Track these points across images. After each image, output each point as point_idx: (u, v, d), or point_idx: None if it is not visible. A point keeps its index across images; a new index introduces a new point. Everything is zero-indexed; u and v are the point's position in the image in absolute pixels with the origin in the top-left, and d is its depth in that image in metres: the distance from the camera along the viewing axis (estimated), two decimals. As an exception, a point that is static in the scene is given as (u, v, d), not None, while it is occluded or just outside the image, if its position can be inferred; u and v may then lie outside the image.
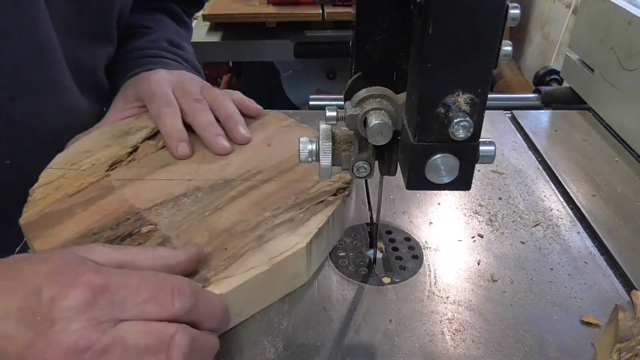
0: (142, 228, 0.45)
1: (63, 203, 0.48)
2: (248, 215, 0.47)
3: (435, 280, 0.47)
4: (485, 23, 0.30)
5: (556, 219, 0.55)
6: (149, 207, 0.48)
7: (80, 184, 0.50)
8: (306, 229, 0.45)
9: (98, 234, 0.44)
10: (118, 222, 0.45)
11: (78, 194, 0.49)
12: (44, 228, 0.45)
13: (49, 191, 0.49)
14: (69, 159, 0.54)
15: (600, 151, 0.67)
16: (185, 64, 0.71)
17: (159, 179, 0.52)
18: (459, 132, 0.31)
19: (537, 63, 1.50)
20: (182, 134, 0.56)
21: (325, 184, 0.50)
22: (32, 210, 0.47)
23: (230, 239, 0.44)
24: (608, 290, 0.46)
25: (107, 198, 0.49)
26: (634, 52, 0.66)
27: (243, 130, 0.58)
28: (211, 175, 0.53)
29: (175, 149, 0.55)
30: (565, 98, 0.83)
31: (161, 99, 0.58)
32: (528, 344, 0.41)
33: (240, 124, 0.58)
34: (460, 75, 0.31)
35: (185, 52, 0.74)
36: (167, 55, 0.69)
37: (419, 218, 0.55)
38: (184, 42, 0.75)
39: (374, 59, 0.38)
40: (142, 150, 0.56)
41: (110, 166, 0.53)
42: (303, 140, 0.41)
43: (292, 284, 0.45)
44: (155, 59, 0.67)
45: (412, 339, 0.41)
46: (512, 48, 0.32)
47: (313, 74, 1.99)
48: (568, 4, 1.32)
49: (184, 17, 0.81)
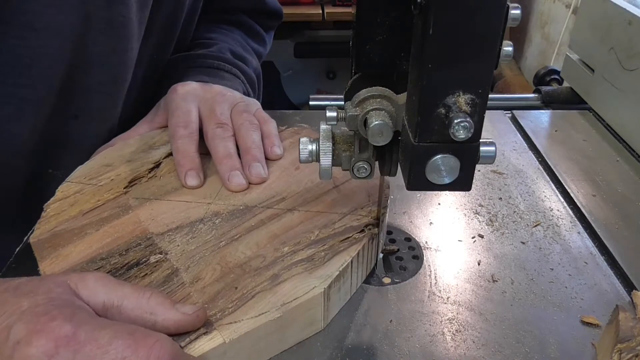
0: (151, 257, 0.42)
1: (76, 221, 0.46)
2: (265, 249, 0.43)
3: (435, 280, 0.47)
4: (486, 23, 0.30)
5: (556, 219, 0.55)
6: (163, 232, 0.45)
7: (96, 200, 0.49)
8: (326, 271, 0.41)
9: (106, 260, 0.42)
10: (128, 248, 0.43)
11: (93, 212, 0.47)
12: (53, 248, 0.43)
13: (64, 207, 0.48)
14: (89, 172, 0.52)
15: (601, 151, 0.67)
16: (243, 78, 0.68)
17: (178, 200, 0.49)
18: (460, 132, 0.31)
19: (537, 63, 1.50)
20: (192, 161, 0.52)
21: (352, 218, 0.46)
22: (44, 227, 0.45)
23: (242, 277, 0.41)
24: (608, 290, 0.46)
25: (122, 218, 0.47)
26: (634, 52, 0.66)
27: (259, 170, 0.52)
28: (232, 199, 0.49)
29: (184, 178, 0.51)
30: (566, 98, 0.83)
31: (180, 117, 0.54)
32: (528, 344, 0.41)
33: (257, 161, 0.52)
34: (460, 76, 0.31)
35: (249, 65, 0.70)
36: (225, 67, 0.65)
37: (419, 218, 0.55)
38: (250, 55, 0.72)
39: (374, 59, 0.38)
40: (164, 167, 0.53)
41: (129, 182, 0.51)
42: (303, 141, 0.41)
43: (306, 331, 0.41)
44: (209, 70, 0.64)
45: (413, 339, 0.41)
46: (513, 48, 0.32)
47: (313, 74, 1.99)
48: (568, 4, 1.31)
49: (258, 30, 0.78)
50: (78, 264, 0.42)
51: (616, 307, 0.40)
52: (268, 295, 0.39)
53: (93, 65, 0.54)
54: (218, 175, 0.52)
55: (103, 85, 0.56)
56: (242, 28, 0.76)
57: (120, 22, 0.54)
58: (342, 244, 0.44)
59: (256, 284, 0.40)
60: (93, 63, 0.54)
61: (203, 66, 0.64)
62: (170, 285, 0.40)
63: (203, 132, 0.54)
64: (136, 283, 0.40)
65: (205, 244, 0.44)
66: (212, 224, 0.46)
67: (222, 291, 0.39)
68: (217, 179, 0.52)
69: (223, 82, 0.63)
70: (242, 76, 0.67)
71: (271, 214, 0.47)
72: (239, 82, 0.66)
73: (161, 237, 0.45)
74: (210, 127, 0.54)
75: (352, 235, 0.44)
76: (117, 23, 0.53)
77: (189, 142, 0.53)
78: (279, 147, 0.56)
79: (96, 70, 0.55)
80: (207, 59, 0.65)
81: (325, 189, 0.50)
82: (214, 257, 0.43)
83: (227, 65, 0.66)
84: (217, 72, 0.64)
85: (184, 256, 0.43)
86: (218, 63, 0.65)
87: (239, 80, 0.66)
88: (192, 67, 0.64)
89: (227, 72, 0.65)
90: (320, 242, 0.44)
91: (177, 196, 0.50)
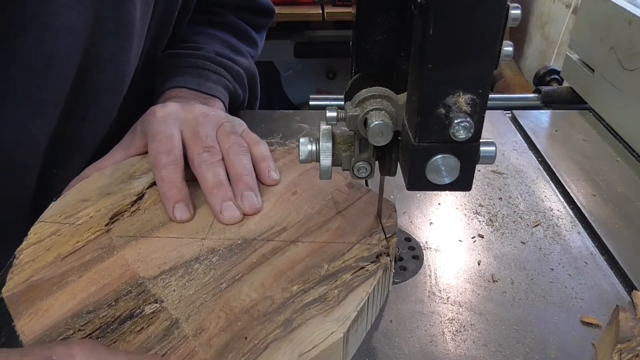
0: (146, 308, 0.38)
1: (55, 268, 0.41)
2: (272, 290, 0.39)
3: (435, 280, 0.47)
4: (485, 23, 0.30)
5: (556, 219, 0.55)
6: (155, 275, 0.40)
7: (76, 242, 0.43)
8: (343, 312, 0.37)
9: (93, 313, 0.37)
10: (118, 297, 0.39)
11: (73, 255, 0.42)
12: (30, 302, 0.38)
13: (39, 252, 0.42)
14: (64, 209, 0.47)
15: (601, 151, 0.67)
16: (230, 77, 0.66)
17: (168, 237, 0.44)
18: (460, 132, 0.31)
19: (537, 63, 1.50)
20: (180, 192, 0.47)
21: (362, 248, 0.43)
22: (18, 277, 0.40)
23: (251, 324, 0.36)
24: (608, 290, 0.46)
25: (107, 261, 0.42)
26: (634, 52, 0.66)
27: (252, 199, 0.47)
28: (227, 232, 0.45)
29: (172, 211, 0.46)
30: (566, 98, 0.83)
31: (162, 142, 0.49)
32: (528, 344, 0.41)
33: (249, 189, 0.47)
34: (460, 76, 0.31)
35: (238, 65, 0.68)
36: (210, 67, 0.63)
37: (419, 218, 0.55)
38: (239, 55, 0.70)
39: (374, 59, 0.38)
40: (148, 198, 0.48)
41: (110, 218, 0.46)
42: (303, 141, 0.41)
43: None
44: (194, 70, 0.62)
45: (413, 339, 0.41)
46: (513, 48, 0.32)
47: (313, 74, 1.99)
48: (568, 4, 1.31)
49: (248, 31, 0.75)
50: (62, 320, 0.37)
51: (616, 307, 0.40)
52: (283, 345, 0.35)
53: (102, 64, 0.54)
54: (208, 205, 0.47)
55: (111, 83, 0.56)
56: (231, 31, 0.74)
57: (127, 21, 0.54)
58: (356, 279, 0.40)
59: (268, 332, 0.36)
60: (102, 62, 0.54)
61: (188, 66, 0.63)
62: (172, 339, 0.36)
63: (188, 157, 0.50)
64: (131, 339, 0.36)
65: (205, 287, 0.40)
66: (209, 262, 0.42)
67: (231, 343, 0.35)
68: (208, 209, 0.47)
69: (208, 83, 0.62)
70: (229, 75, 0.66)
71: (273, 247, 0.43)
72: (225, 82, 0.65)
73: (154, 281, 0.40)
74: (195, 151, 0.49)
75: (365, 267, 0.41)
76: (124, 22, 0.53)
77: (174, 170, 0.48)
78: (275, 171, 0.51)
79: (105, 70, 0.55)
80: (191, 59, 0.64)
81: (328, 216, 0.46)
82: (217, 302, 0.38)
83: (212, 65, 0.64)
84: (202, 72, 0.63)
85: (182, 303, 0.38)
86: (203, 62, 0.64)
87: (225, 80, 0.65)
88: (177, 67, 0.63)
89: (212, 72, 0.64)
90: (331, 277, 0.40)
91: (166, 232, 0.45)
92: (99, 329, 0.36)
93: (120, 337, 0.36)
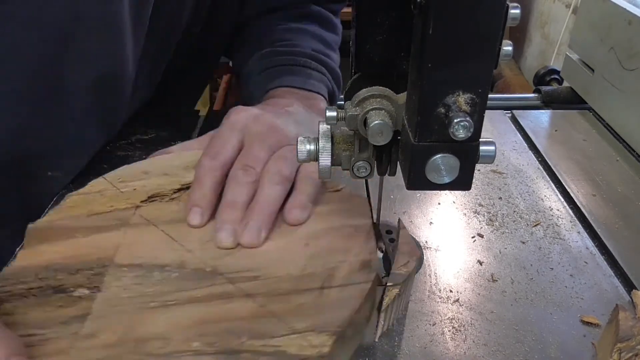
0: (79, 290, 0.38)
1: (77, 221, 0.43)
2: (178, 334, 0.35)
3: (435, 280, 0.47)
4: (485, 23, 0.30)
5: (556, 219, 0.55)
6: (123, 264, 0.40)
7: (110, 206, 0.45)
8: None
9: (55, 272, 0.39)
10: (79, 269, 0.39)
11: (98, 216, 0.44)
12: (39, 240, 0.41)
13: (79, 202, 0.45)
14: (124, 175, 0.49)
15: (601, 151, 0.67)
16: (329, 75, 0.64)
17: (168, 235, 0.43)
18: (459, 132, 0.31)
19: (537, 63, 1.51)
20: (203, 197, 0.45)
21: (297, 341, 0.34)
22: (51, 217, 0.44)
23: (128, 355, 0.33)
24: (608, 290, 0.46)
25: (108, 233, 0.42)
26: (634, 52, 0.66)
27: (252, 234, 0.43)
28: (210, 255, 0.41)
29: (188, 212, 0.45)
30: (566, 98, 0.83)
31: (214, 146, 0.48)
32: (528, 343, 0.41)
33: (256, 221, 0.43)
34: (460, 75, 0.31)
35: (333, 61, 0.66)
36: (311, 64, 0.61)
37: (419, 218, 0.55)
38: (331, 50, 0.68)
39: (374, 58, 0.38)
40: None
41: (149, 197, 0.46)
42: (301, 140, 0.41)
43: None
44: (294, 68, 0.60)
45: (413, 339, 0.41)
46: (513, 48, 0.32)
47: (313, 74, 1.98)
48: (568, 4, 1.32)
49: (330, 19, 0.73)
50: (40, 267, 0.39)
51: (616, 306, 0.40)
52: None
53: (85, 63, 0.53)
54: None
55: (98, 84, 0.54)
56: (317, 22, 0.71)
57: (112, 20, 0.52)
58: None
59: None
60: (85, 61, 0.52)
61: (289, 64, 0.60)
62: (63, 329, 0.35)
63: None
64: (50, 311, 0.36)
65: (139, 297, 0.37)
66: (167, 276, 0.39)
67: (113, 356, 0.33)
68: None
69: (310, 80, 0.59)
70: (328, 74, 0.64)
71: (227, 291, 0.38)
72: (325, 80, 0.63)
73: (115, 269, 0.39)
74: (236, 166, 0.47)
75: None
76: (109, 20, 0.52)
77: (210, 175, 0.46)
78: (303, 210, 0.45)
79: (88, 69, 0.53)
80: (291, 56, 0.62)
81: (307, 286, 0.38)
82: (129, 317, 0.36)
83: (313, 62, 0.62)
84: (303, 70, 0.60)
85: (108, 302, 0.37)
86: (304, 60, 0.61)
87: (326, 78, 0.63)
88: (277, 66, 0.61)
89: (313, 70, 0.61)
90: (236, 354, 0.33)
91: (173, 229, 0.44)
92: (39, 289, 0.38)
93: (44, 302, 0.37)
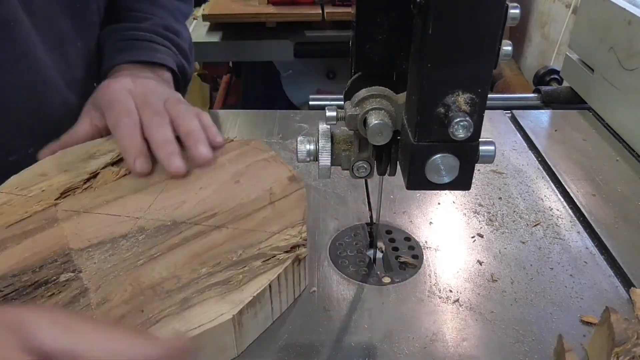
0: (62, 276, 0.40)
1: None
2: (182, 270, 0.41)
3: (435, 280, 0.47)
4: (485, 23, 0.30)
5: (556, 219, 0.55)
6: (83, 247, 0.42)
7: (24, 212, 0.46)
8: (239, 296, 0.38)
9: (17, 277, 0.39)
10: (43, 264, 0.41)
11: (18, 224, 0.44)
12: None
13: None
14: (21, 182, 0.49)
15: (600, 151, 0.67)
16: (177, 52, 0.68)
17: (107, 214, 0.46)
18: (459, 132, 0.31)
19: (537, 63, 1.50)
20: (141, 148, 0.51)
21: (281, 237, 0.43)
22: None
23: (152, 299, 0.38)
24: (608, 289, 0.46)
25: (45, 232, 0.44)
26: (634, 52, 0.66)
27: (203, 149, 0.51)
28: (162, 214, 0.46)
29: (133, 164, 0.50)
30: (565, 98, 0.83)
31: (120, 109, 0.53)
32: (528, 343, 0.41)
33: (200, 141, 0.51)
34: (460, 75, 0.31)
35: (181, 38, 0.70)
36: (157, 40, 0.66)
37: (419, 218, 0.55)
38: (180, 25, 0.72)
39: (374, 59, 0.38)
40: (101, 178, 0.51)
41: (62, 193, 0.48)
42: (301, 140, 0.41)
43: (218, 358, 0.39)
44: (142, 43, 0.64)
45: (413, 339, 0.41)
46: (512, 48, 0.32)
47: (313, 74, 1.99)
48: (568, 4, 1.31)
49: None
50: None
51: (606, 308, 0.39)
52: (174, 321, 0.37)
53: None
54: (157, 185, 0.50)
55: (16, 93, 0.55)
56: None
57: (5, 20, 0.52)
58: (264, 266, 0.41)
59: (164, 308, 0.37)
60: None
61: (136, 39, 0.65)
62: (75, 306, 0.37)
63: (140, 123, 0.53)
64: (41, 303, 0.38)
65: (123, 262, 0.41)
66: (135, 240, 0.43)
67: (128, 314, 0.37)
68: (151, 190, 0.49)
69: (157, 54, 0.64)
70: (175, 49, 0.68)
71: (198, 231, 0.44)
72: (172, 55, 0.67)
73: (80, 253, 0.42)
74: (146, 116, 0.53)
75: (277, 255, 0.42)
76: None
77: (135, 130, 0.51)
78: (219, 135, 0.55)
79: None
80: (139, 32, 0.66)
81: (260, 205, 0.47)
82: (128, 277, 0.40)
83: (159, 38, 0.67)
84: (150, 45, 0.65)
85: (98, 275, 0.40)
86: (151, 36, 0.66)
87: (172, 53, 0.67)
88: (125, 41, 0.65)
89: (160, 45, 0.66)
90: (242, 263, 0.41)
91: (107, 209, 0.47)
92: (15, 291, 0.38)
93: (31, 300, 0.38)
